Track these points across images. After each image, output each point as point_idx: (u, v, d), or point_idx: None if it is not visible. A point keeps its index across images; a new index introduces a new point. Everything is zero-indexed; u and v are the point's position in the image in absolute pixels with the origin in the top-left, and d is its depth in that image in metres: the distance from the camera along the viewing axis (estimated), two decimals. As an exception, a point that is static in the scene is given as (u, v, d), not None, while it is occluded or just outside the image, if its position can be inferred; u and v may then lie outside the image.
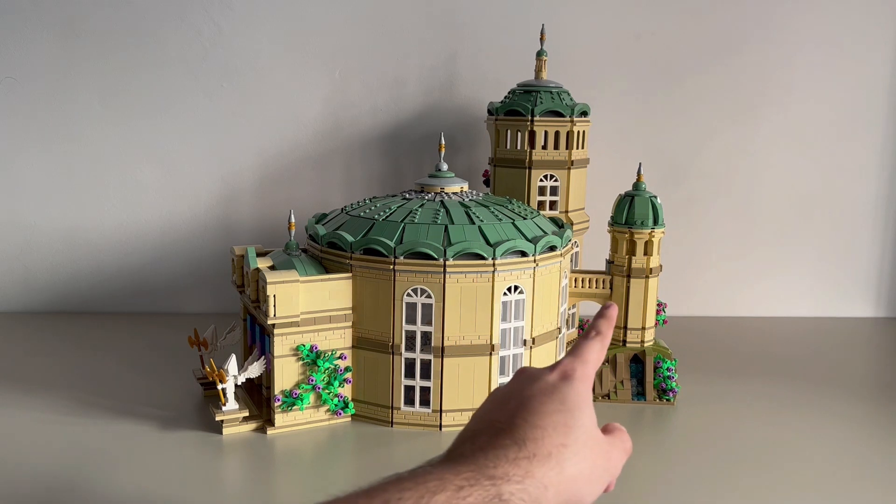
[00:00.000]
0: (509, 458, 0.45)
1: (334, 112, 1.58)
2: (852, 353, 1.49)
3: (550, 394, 0.51)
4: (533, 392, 0.51)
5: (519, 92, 1.38)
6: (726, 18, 1.57)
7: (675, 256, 1.53)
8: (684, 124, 1.61)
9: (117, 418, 1.09)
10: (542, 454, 0.46)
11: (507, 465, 0.44)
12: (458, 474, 0.43)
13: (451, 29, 1.56)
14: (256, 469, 0.99)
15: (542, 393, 0.51)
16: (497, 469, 0.44)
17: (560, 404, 0.50)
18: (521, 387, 0.52)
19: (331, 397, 1.09)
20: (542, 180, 1.35)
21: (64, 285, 1.61)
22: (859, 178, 1.64)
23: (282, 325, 1.05)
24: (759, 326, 1.61)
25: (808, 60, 1.59)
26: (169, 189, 1.58)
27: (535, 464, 0.45)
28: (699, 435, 1.10)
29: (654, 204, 1.20)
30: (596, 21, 1.56)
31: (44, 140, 1.55)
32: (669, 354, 1.23)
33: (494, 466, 0.44)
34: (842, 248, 1.67)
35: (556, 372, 0.54)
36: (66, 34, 1.51)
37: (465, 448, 0.47)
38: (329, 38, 1.55)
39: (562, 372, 0.53)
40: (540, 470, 0.45)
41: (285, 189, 1.59)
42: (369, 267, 1.07)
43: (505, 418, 0.49)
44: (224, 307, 1.58)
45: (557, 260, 1.13)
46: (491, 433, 0.48)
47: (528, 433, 0.47)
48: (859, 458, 1.03)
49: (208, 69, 1.54)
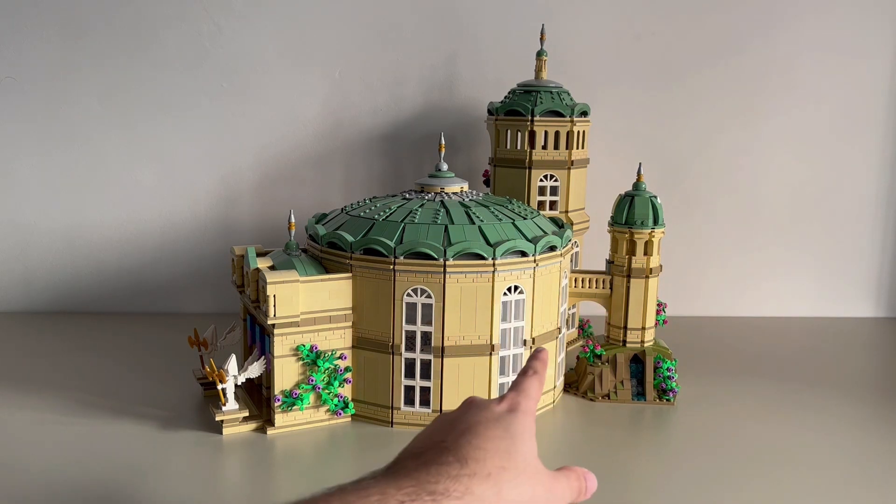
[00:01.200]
0: (451, 474, 0.47)
1: (334, 112, 1.58)
2: (852, 353, 1.49)
3: (496, 421, 0.54)
4: (480, 419, 0.54)
5: (519, 92, 1.38)
6: (726, 18, 1.57)
7: (675, 256, 1.53)
8: (684, 124, 1.61)
9: (117, 418, 1.09)
10: (483, 474, 0.48)
11: (448, 482, 0.46)
12: (400, 489, 0.45)
13: (451, 29, 1.56)
14: (256, 469, 0.99)
15: (487, 420, 0.54)
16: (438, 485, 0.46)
17: (504, 431, 0.53)
18: (469, 414, 0.56)
19: (331, 397, 1.09)
20: (542, 180, 1.35)
21: (64, 285, 1.61)
22: (859, 179, 1.64)
23: (282, 325, 1.04)
24: (759, 326, 1.61)
25: (809, 61, 1.59)
26: (169, 189, 1.58)
27: (476, 482, 0.47)
28: (699, 435, 1.09)
29: (654, 204, 1.20)
30: (596, 21, 1.56)
31: (44, 140, 1.55)
32: (669, 354, 1.23)
33: (436, 482, 0.46)
34: (842, 248, 1.67)
35: (503, 403, 0.57)
36: (66, 34, 1.51)
37: (408, 463, 0.49)
38: (329, 38, 1.55)
39: (509, 404, 0.57)
40: (479, 488, 0.47)
41: (285, 189, 1.59)
42: (369, 267, 1.07)
43: (451, 439, 0.52)
44: (224, 307, 1.58)
45: (557, 260, 1.13)
46: (436, 451, 0.50)
47: (470, 453, 0.49)
48: (859, 458, 1.03)
49: (208, 69, 1.54)
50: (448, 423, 0.54)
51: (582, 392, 1.22)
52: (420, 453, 0.50)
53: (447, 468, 0.47)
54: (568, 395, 1.22)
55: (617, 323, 1.23)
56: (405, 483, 0.45)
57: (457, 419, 0.55)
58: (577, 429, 1.12)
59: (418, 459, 0.49)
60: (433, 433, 0.54)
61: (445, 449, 0.50)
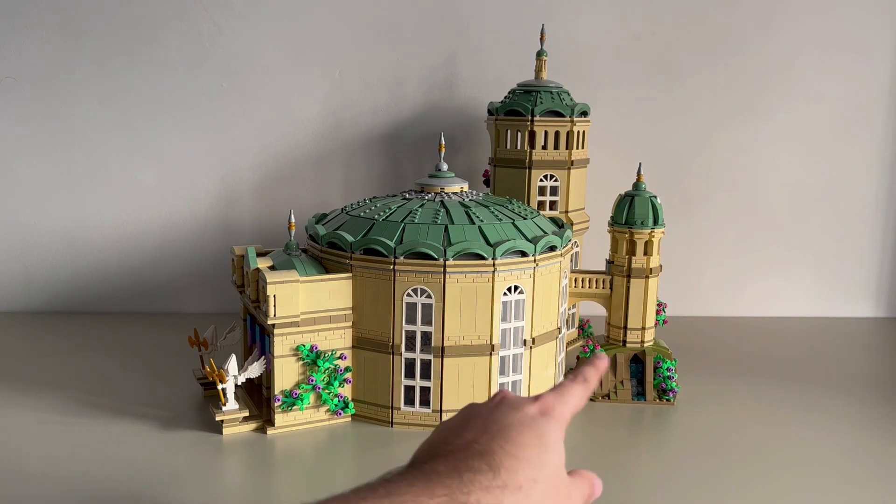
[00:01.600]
0: (483, 484, 0.46)
1: (334, 112, 1.58)
2: (852, 353, 1.49)
3: (529, 426, 0.52)
4: (512, 421, 0.52)
5: (519, 92, 1.38)
6: (726, 18, 1.57)
7: (675, 256, 1.53)
8: (684, 124, 1.61)
9: (117, 418, 1.09)
10: (514, 485, 0.47)
11: (481, 493, 0.46)
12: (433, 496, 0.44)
13: (451, 29, 1.56)
14: (256, 469, 0.99)
15: (521, 424, 0.52)
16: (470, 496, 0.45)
17: (538, 439, 0.51)
18: (501, 412, 0.54)
19: (331, 397, 1.09)
20: (542, 180, 1.35)
21: (64, 285, 1.61)
22: (859, 178, 1.64)
23: (282, 325, 1.04)
24: (759, 326, 1.61)
25: (808, 60, 1.59)
26: (169, 189, 1.58)
27: (507, 494, 0.47)
28: (699, 435, 1.09)
29: (654, 204, 1.20)
30: (596, 21, 1.56)
31: (44, 140, 1.55)
32: (669, 354, 1.23)
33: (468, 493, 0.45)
34: (842, 248, 1.67)
35: (537, 405, 0.55)
36: (66, 34, 1.51)
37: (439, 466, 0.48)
38: (329, 38, 1.55)
39: (542, 406, 0.55)
40: (509, 500, 0.46)
41: (285, 189, 1.59)
42: (369, 267, 1.07)
43: (483, 440, 0.50)
44: (224, 307, 1.58)
45: (557, 260, 1.13)
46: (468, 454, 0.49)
47: (504, 461, 0.48)
48: (859, 458, 1.03)
49: (208, 69, 1.54)
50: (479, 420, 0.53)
51: (582, 392, 1.21)
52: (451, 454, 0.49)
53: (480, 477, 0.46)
54: (568, 395, 1.22)
55: (617, 323, 1.23)
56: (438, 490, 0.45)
57: (489, 416, 0.53)
58: (577, 429, 1.11)
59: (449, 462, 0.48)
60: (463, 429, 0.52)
61: (478, 453, 0.49)
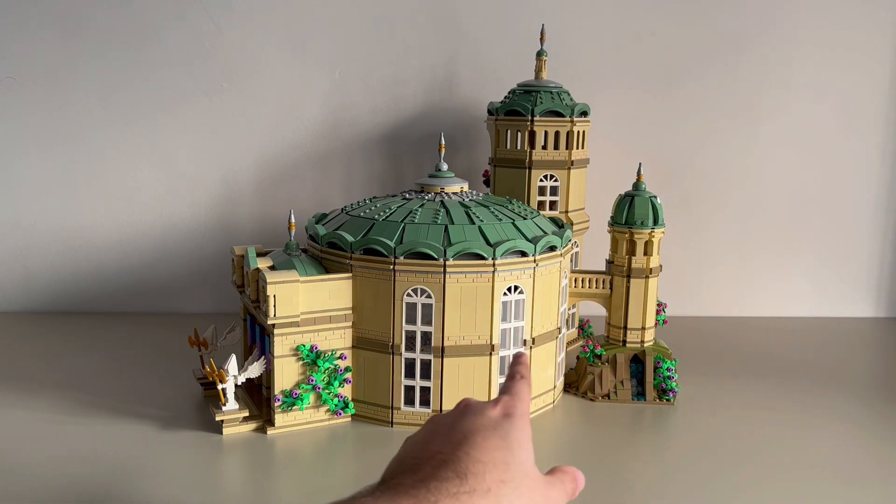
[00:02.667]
0: (450, 492, 0.46)
1: (334, 112, 1.58)
2: (852, 353, 1.49)
3: (493, 429, 0.52)
4: (476, 426, 0.53)
5: (519, 92, 1.38)
6: (726, 18, 1.57)
7: (675, 256, 1.53)
8: (684, 124, 1.61)
9: (117, 418, 1.09)
10: (482, 489, 0.47)
11: (447, 500, 0.46)
12: None
13: (451, 29, 1.56)
14: (256, 469, 0.99)
15: (484, 428, 0.52)
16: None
17: (502, 441, 0.51)
18: (464, 420, 0.54)
19: (331, 397, 1.09)
20: (542, 180, 1.35)
21: (64, 285, 1.61)
22: (859, 178, 1.64)
23: (282, 325, 1.04)
24: (759, 326, 1.61)
25: (808, 61, 1.59)
26: (169, 189, 1.58)
27: (475, 498, 0.47)
28: (699, 435, 1.10)
29: (654, 204, 1.20)
30: (596, 21, 1.56)
31: (44, 140, 1.55)
32: (669, 354, 1.23)
33: (436, 501, 0.45)
34: (842, 248, 1.67)
35: (498, 408, 0.56)
36: (66, 34, 1.51)
37: (405, 478, 0.48)
38: (329, 38, 1.55)
39: (504, 408, 0.56)
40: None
41: (285, 189, 1.59)
42: (369, 267, 1.07)
43: (448, 450, 0.50)
44: (224, 307, 1.58)
45: (557, 260, 1.13)
46: (433, 464, 0.49)
47: (469, 467, 0.48)
48: (859, 458, 1.03)
49: (208, 69, 1.54)
50: (443, 431, 0.53)
51: (582, 392, 1.22)
52: (417, 467, 0.49)
53: (447, 485, 0.46)
54: (568, 395, 1.23)
55: (617, 323, 1.23)
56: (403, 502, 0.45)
57: (452, 426, 0.53)
58: (577, 429, 1.12)
59: (415, 475, 0.48)
60: (428, 442, 0.52)
61: (443, 462, 0.49)
